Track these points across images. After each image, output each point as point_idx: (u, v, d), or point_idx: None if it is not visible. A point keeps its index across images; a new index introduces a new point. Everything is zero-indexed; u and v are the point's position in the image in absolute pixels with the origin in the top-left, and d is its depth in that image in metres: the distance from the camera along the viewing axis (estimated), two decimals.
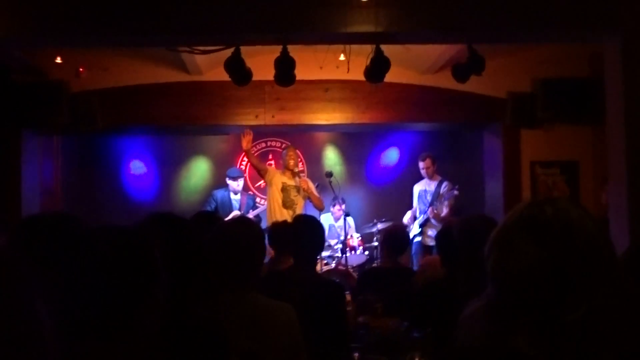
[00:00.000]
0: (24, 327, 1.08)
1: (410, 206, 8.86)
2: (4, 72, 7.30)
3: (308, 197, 7.83)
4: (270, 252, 5.03)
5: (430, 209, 8.37)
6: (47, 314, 1.16)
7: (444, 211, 8.34)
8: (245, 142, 7.74)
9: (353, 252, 8.43)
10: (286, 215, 7.34)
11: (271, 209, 7.87)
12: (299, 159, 8.06)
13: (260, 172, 8.28)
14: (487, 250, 1.38)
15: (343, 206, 8.78)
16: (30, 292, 1.13)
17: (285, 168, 7.91)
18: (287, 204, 7.74)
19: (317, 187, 8.12)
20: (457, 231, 3.23)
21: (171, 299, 2.11)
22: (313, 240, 4.06)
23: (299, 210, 7.70)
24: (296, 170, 7.85)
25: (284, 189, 7.77)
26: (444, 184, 8.50)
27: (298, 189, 7.80)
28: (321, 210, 8.21)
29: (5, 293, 1.07)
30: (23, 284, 1.12)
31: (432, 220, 8.38)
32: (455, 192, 8.23)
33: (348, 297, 5.01)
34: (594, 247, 1.30)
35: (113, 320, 1.61)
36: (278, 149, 10.30)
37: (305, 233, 4.07)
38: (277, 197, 7.79)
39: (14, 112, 7.34)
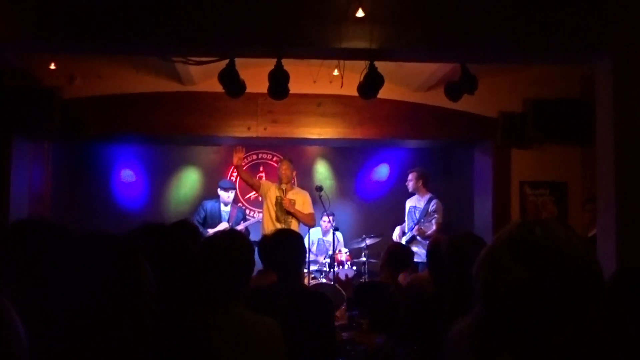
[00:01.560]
0: None
1: (399, 222, 8.86)
2: None
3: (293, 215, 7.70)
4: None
5: (416, 226, 8.35)
6: (19, 321, 1.15)
7: (431, 228, 8.32)
8: (236, 159, 7.72)
9: (341, 267, 8.42)
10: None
11: (264, 222, 7.83)
12: (293, 172, 7.94)
13: (253, 187, 8.29)
14: (476, 270, 1.38)
15: (331, 218, 8.77)
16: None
17: (279, 181, 7.88)
18: (280, 218, 7.67)
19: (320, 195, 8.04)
20: (445, 249, 3.24)
21: (157, 310, 2.10)
22: (294, 253, 4.05)
23: (294, 225, 7.61)
24: (283, 187, 7.74)
25: (277, 203, 7.72)
26: (433, 201, 8.49)
27: (294, 203, 7.73)
28: (311, 227, 8.15)
29: None
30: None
31: (418, 237, 8.37)
32: (435, 216, 8.21)
33: (340, 312, 5.01)
34: (581, 269, 1.30)
35: (90, 327, 1.60)
36: (269, 162, 10.32)
37: (285, 246, 4.05)
38: (271, 210, 7.74)
39: (5, 117, 7.29)
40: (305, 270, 7.80)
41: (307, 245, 7.91)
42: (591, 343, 1.26)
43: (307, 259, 7.43)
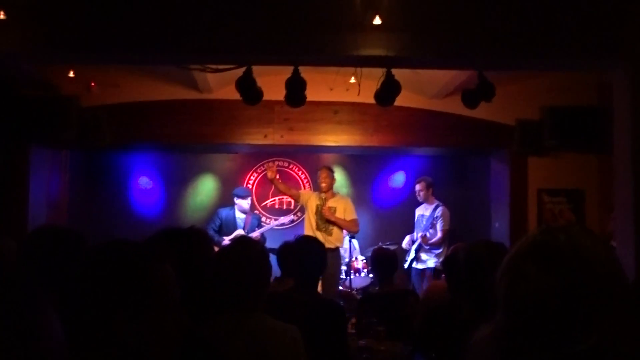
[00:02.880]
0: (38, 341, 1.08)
1: (415, 229, 8.86)
2: (14, 86, 7.33)
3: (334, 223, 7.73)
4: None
5: (421, 233, 8.37)
6: (61, 329, 1.16)
7: (436, 236, 8.32)
8: (270, 172, 7.80)
9: (357, 274, 8.39)
10: (320, 239, 7.26)
11: (306, 231, 7.87)
12: (333, 179, 8.04)
13: (292, 198, 8.39)
14: (498, 277, 1.37)
15: None
16: (44, 306, 1.13)
17: (319, 189, 7.95)
18: (320, 226, 7.71)
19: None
20: (463, 256, 3.22)
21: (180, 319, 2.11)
22: (314, 261, 4.05)
23: (336, 232, 7.67)
24: (323, 196, 7.79)
25: (318, 211, 7.75)
26: (439, 209, 8.50)
27: (335, 210, 7.74)
28: (355, 232, 8.24)
29: (21, 308, 1.08)
30: (36, 299, 1.12)
31: (425, 245, 8.39)
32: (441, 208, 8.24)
33: (356, 319, 4.99)
34: (606, 275, 1.29)
35: (110, 335, 1.60)
36: (286, 169, 10.31)
37: (306, 254, 4.05)
38: (312, 219, 7.80)
39: (23, 126, 7.34)
40: (321, 278, 7.80)
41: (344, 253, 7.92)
42: (616, 351, 1.24)
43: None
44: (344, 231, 7.92)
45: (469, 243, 3.32)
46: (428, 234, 8.34)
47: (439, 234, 8.33)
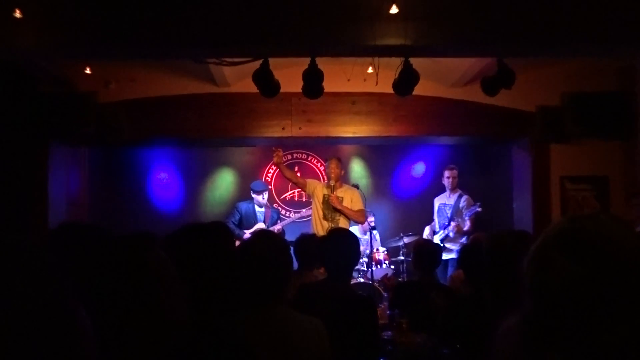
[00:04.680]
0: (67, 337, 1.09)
1: (433, 221, 8.83)
2: (32, 83, 7.39)
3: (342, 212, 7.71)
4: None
5: (453, 223, 8.31)
6: (90, 323, 1.17)
7: (467, 225, 8.28)
8: (276, 157, 7.69)
9: (379, 266, 8.39)
10: (327, 228, 7.30)
11: (313, 221, 7.88)
12: (342, 170, 7.92)
13: (298, 185, 8.32)
14: (525, 266, 1.36)
15: (371, 219, 8.74)
16: (72, 299, 1.14)
17: (328, 179, 7.91)
18: (327, 216, 7.70)
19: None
20: (486, 246, 3.19)
21: (193, 313, 2.11)
22: (348, 254, 4.04)
23: (342, 222, 7.64)
24: (332, 183, 7.73)
25: (325, 201, 7.75)
26: (464, 197, 8.47)
27: (342, 200, 7.76)
28: (361, 223, 8.19)
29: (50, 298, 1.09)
30: (66, 291, 1.13)
31: (452, 234, 8.34)
32: (478, 209, 8.12)
33: (380, 311, 4.99)
34: (635, 264, 1.26)
35: (127, 332, 1.62)
36: (304, 161, 10.33)
37: (341, 246, 4.04)
38: (318, 209, 7.77)
39: (42, 123, 7.40)
40: None
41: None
42: None
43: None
44: (351, 222, 7.88)
45: (492, 232, 3.30)
46: (453, 224, 8.29)
47: (468, 223, 8.29)
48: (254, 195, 8.79)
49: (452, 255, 8.27)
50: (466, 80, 7.85)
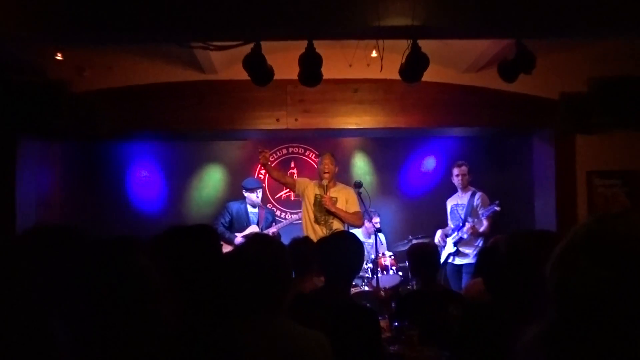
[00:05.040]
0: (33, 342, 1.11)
1: (447, 223, 8.83)
2: None
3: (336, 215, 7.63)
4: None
5: (467, 225, 8.31)
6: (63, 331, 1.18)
7: (483, 225, 8.27)
8: (262, 158, 7.64)
9: (385, 272, 8.39)
10: (320, 233, 7.25)
11: (303, 225, 7.77)
12: (336, 167, 7.82)
13: (287, 186, 8.24)
14: (548, 271, 1.36)
15: (377, 220, 8.73)
16: (43, 307, 1.15)
17: (320, 178, 7.76)
18: (319, 219, 7.60)
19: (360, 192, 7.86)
20: (505, 249, 3.19)
21: (182, 321, 2.12)
22: (350, 260, 4.03)
23: (337, 226, 7.51)
24: (324, 183, 7.62)
25: (317, 202, 7.65)
26: (477, 195, 8.47)
27: (335, 201, 7.65)
28: (358, 227, 8.04)
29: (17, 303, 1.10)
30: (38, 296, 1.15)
31: (466, 236, 8.33)
32: (496, 208, 8.10)
33: (383, 324, 4.99)
34: None
35: (109, 345, 1.62)
36: (302, 157, 10.33)
37: (342, 251, 4.04)
38: (309, 211, 7.68)
39: (9, 114, 7.35)
40: None
41: None
42: None
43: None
44: (346, 226, 7.78)
45: (511, 234, 3.30)
46: (475, 225, 8.26)
47: (485, 223, 8.27)
48: (246, 194, 8.79)
49: (468, 260, 8.28)
50: (481, 64, 7.84)
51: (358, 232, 9.09)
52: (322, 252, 4.18)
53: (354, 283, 7.99)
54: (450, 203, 8.82)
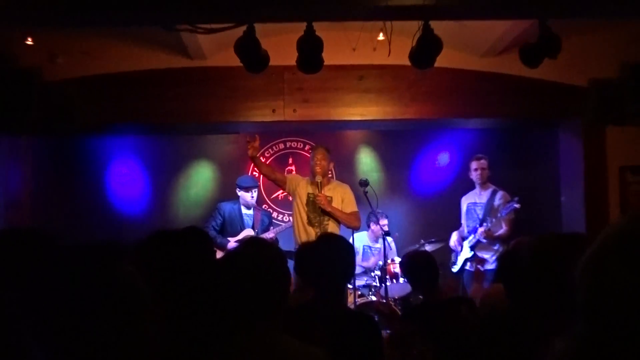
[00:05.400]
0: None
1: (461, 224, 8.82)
2: None
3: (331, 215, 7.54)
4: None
5: (480, 228, 8.24)
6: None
7: (502, 228, 8.23)
8: (251, 149, 7.53)
9: (394, 280, 8.39)
10: (313, 236, 7.17)
11: (295, 228, 7.72)
12: (331, 162, 7.77)
13: (277, 183, 8.11)
14: (578, 277, 1.36)
15: (384, 222, 8.71)
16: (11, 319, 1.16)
17: (312, 175, 7.69)
18: (313, 220, 7.53)
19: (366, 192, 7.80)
20: (528, 253, 3.20)
21: (170, 336, 2.12)
22: (339, 266, 4.03)
23: (332, 228, 7.47)
24: (318, 180, 7.53)
25: (310, 202, 7.59)
26: (499, 194, 8.41)
27: (330, 201, 7.58)
28: (355, 229, 7.85)
29: None
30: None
31: (484, 241, 8.29)
32: (516, 205, 8.03)
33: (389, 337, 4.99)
34: None
35: (87, 355, 1.63)
36: (301, 152, 10.32)
37: (329, 256, 4.04)
38: (301, 211, 7.61)
39: None
40: (350, 286, 7.79)
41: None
42: None
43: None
44: (341, 227, 7.70)
45: (536, 236, 3.30)
46: (491, 228, 8.21)
47: (505, 227, 8.22)
48: (240, 193, 8.77)
49: (488, 266, 8.26)
50: (501, 48, 7.84)
51: (364, 236, 9.10)
52: (308, 259, 4.18)
53: (359, 293, 8.02)
54: (466, 201, 8.77)
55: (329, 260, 4.01)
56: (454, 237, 8.68)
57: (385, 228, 8.52)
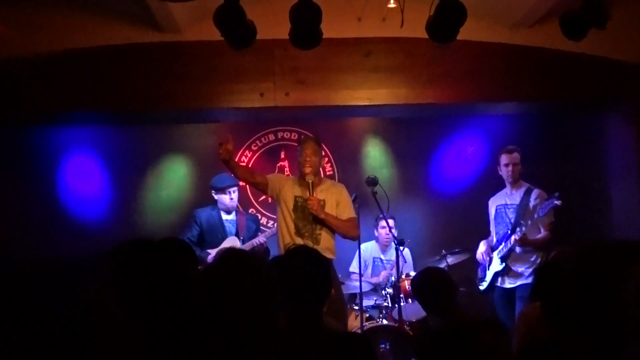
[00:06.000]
0: None
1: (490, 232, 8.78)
2: None
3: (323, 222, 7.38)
4: None
5: (514, 236, 8.12)
6: None
7: (540, 232, 8.12)
8: (224, 152, 7.25)
9: (410, 300, 8.39)
10: None
11: (280, 238, 7.56)
12: (322, 158, 7.67)
13: (259, 188, 7.94)
14: (631, 295, 1.37)
15: (391, 223, 8.66)
16: None
17: (300, 174, 7.54)
18: (302, 229, 7.39)
19: (354, 200, 7.82)
20: (572, 265, 3.20)
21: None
22: (309, 281, 4.03)
23: (326, 239, 7.39)
24: (309, 179, 7.34)
25: (298, 207, 7.47)
26: (534, 192, 8.26)
27: (323, 205, 7.44)
28: (353, 238, 7.73)
29: None
30: None
31: (518, 250, 8.20)
32: (557, 202, 7.87)
33: None
34: None
35: None
36: (294, 144, 10.31)
37: (296, 271, 4.04)
38: (287, 219, 7.46)
39: None
40: (356, 307, 7.79)
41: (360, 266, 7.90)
42: None
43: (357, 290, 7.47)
44: (336, 238, 7.61)
45: (580, 245, 3.31)
46: (524, 233, 8.14)
47: (544, 231, 8.14)
48: (217, 196, 8.73)
49: (522, 281, 8.16)
50: (537, 17, 7.85)
51: (372, 247, 9.10)
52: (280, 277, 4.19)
53: (367, 315, 8.01)
54: (494, 204, 8.67)
55: (297, 276, 4.00)
56: (482, 248, 8.58)
57: (394, 231, 8.48)
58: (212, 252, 8.35)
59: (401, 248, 8.21)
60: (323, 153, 7.58)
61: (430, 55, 7.98)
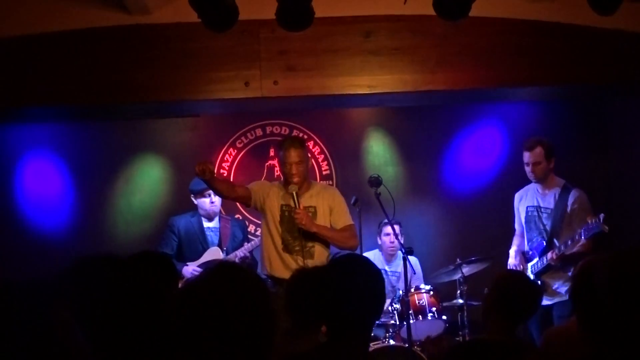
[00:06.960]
0: None
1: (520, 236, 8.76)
2: None
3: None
4: None
5: (549, 254, 8.07)
6: None
7: (579, 243, 7.93)
8: (206, 171, 7.16)
9: (420, 317, 8.40)
10: (293, 265, 7.04)
11: (265, 254, 7.55)
12: (308, 160, 7.75)
13: (242, 201, 8.06)
14: None
15: (397, 229, 8.66)
16: None
17: (285, 183, 7.54)
18: (290, 244, 7.37)
19: (354, 204, 7.82)
20: (606, 276, 3.22)
21: None
22: (365, 297, 4.03)
23: (319, 252, 7.39)
24: (292, 190, 7.32)
25: (285, 218, 7.45)
26: (573, 194, 8.21)
27: (314, 214, 7.46)
28: (351, 249, 7.54)
29: None
30: None
31: (557, 264, 8.06)
32: (602, 228, 7.65)
33: None
34: None
35: None
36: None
37: (349, 286, 4.03)
38: (274, 233, 7.46)
39: None
40: None
41: None
42: None
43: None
44: (331, 249, 7.55)
45: (615, 253, 3.32)
46: (556, 250, 8.03)
47: (583, 240, 7.95)
48: (196, 201, 8.73)
49: (560, 299, 8.04)
50: None
51: (376, 256, 9.12)
52: (322, 290, 4.17)
53: (372, 334, 8.03)
54: (524, 203, 8.49)
55: (352, 290, 3.99)
56: (513, 259, 8.46)
57: (400, 238, 8.46)
58: (191, 266, 8.34)
59: (412, 259, 8.22)
60: (319, 150, 7.60)
61: (439, 34, 7.98)
